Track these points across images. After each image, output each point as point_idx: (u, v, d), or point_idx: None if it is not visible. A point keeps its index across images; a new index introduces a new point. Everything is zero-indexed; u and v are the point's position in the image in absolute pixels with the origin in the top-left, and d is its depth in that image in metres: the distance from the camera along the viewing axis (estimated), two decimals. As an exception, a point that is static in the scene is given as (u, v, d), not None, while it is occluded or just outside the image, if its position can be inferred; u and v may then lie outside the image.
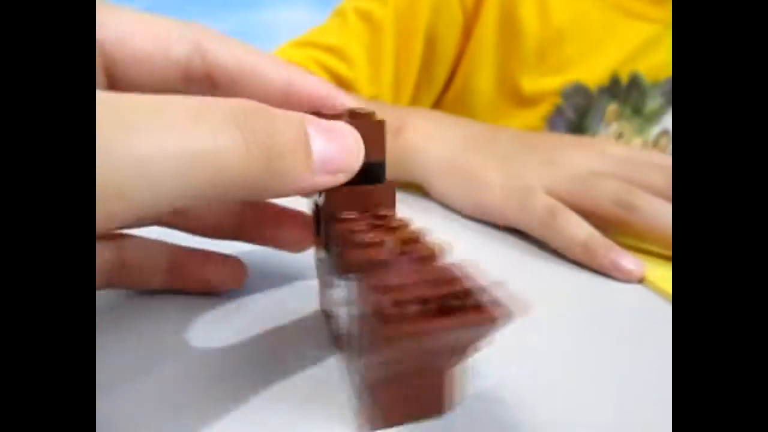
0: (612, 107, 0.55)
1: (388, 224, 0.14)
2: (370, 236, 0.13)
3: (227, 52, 0.16)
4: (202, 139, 0.11)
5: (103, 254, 0.18)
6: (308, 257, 0.20)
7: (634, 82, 0.54)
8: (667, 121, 0.55)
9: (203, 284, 0.20)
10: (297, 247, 0.20)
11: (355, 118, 0.15)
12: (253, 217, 0.20)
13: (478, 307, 0.11)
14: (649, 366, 0.16)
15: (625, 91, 0.55)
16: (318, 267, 0.19)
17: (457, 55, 0.58)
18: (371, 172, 0.16)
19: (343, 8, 0.56)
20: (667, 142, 0.55)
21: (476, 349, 0.12)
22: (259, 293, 0.21)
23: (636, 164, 0.28)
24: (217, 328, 0.18)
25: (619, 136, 0.56)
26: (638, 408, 0.14)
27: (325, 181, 0.13)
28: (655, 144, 0.56)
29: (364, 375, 0.13)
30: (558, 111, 0.56)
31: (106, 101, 0.10)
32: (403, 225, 0.14)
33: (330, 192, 0.15)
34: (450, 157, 0.34)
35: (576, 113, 0.56)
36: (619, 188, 0.27)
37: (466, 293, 0.11)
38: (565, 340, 0.18)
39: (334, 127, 0.14)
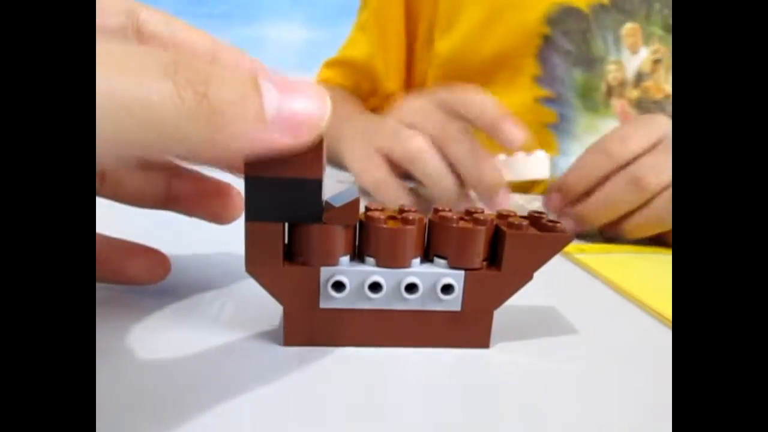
0: (629, 27, 0.43)
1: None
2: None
3: (160, 22, 0.16)
4: (130, 87, 0.10)
5: None
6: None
7: None
8: None
9: (122, 276, 0.19)
10: (226, 219, 0.20)
11: None
12: (182, 187, 0.20)
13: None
14: (649, 392, 0.15)
15: (640, 3, 0.42)
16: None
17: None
18: (306, 189, 0.15)
19: (360, 21, 0.59)
20: None
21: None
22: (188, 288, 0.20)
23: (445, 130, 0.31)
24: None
25: (656, 62, 0.44)
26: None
27: (284, 141, 0.12)
28: None
29: None
30: (548, 42, 0.45)
31: None
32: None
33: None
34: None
35: (572, 42, 0.45)
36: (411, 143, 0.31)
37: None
38: (562, 365, 0.17)
39: (292, 83, 0.12)
